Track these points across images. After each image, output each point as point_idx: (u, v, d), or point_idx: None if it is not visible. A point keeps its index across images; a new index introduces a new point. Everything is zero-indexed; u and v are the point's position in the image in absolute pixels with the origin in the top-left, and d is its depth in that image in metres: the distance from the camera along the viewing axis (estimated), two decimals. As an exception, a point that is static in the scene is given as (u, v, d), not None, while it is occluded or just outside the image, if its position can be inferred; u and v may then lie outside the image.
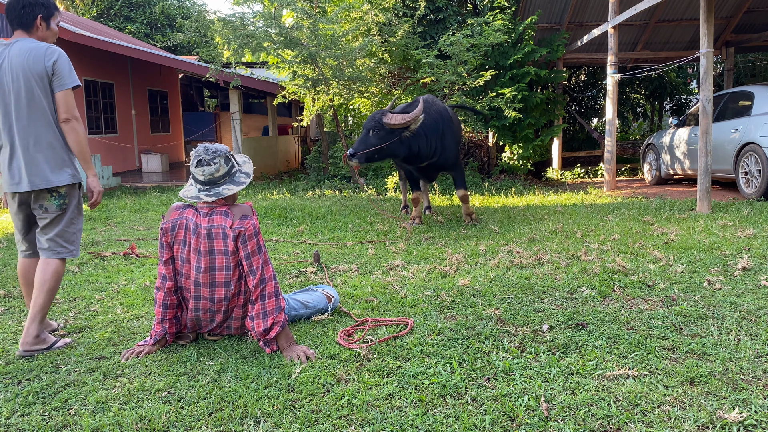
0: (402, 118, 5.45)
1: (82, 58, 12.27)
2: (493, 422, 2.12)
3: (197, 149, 2.85)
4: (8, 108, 2.84)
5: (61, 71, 2.83)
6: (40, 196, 2.90)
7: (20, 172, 2.86)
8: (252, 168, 3.00)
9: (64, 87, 2.84)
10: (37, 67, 2.80)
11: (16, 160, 2.85)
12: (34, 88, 2.81)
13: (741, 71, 15.86)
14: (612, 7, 9.18)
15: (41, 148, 2.84)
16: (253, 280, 2.77)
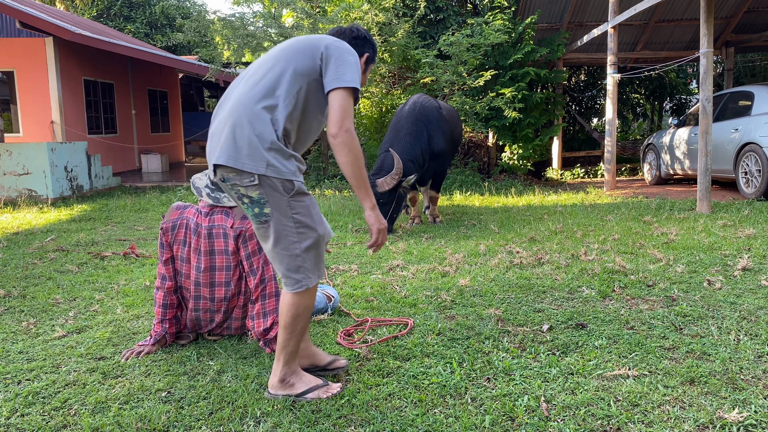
0: (391, 180, 5.44)
1: (82, 58, 12.28)
2: (493, 422, 2.12)
3: None
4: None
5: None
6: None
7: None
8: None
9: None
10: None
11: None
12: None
13: (741, 71, 15.86)
14: (612, 7, 9.18)
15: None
16: (253, 280, 2.77)
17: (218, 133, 2.14)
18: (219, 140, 2.11)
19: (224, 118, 2.16)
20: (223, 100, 2.27)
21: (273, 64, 2.18)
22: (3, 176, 9.24)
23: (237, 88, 2.23)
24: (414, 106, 5.98)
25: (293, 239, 2.10)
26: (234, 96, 2.19)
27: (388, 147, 5.79)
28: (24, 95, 11.64)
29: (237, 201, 2.15)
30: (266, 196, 2.06)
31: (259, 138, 2.05)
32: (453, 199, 8.68)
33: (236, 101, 2.15)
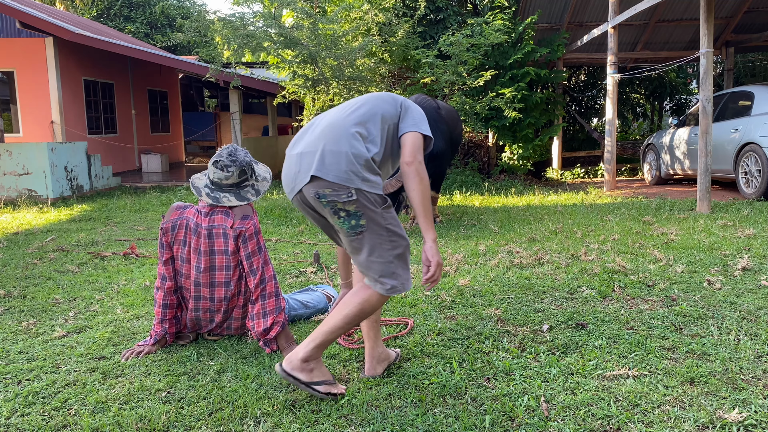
0: (396, 182, 5.44)
1: (82, 58, 12.28)
2: (493, 422, 2.12)
3: (223, 149, 2.83)
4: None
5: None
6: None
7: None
8: (266, 187, 2.95)
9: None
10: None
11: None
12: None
13: (741, 71, 15.86)
14: (612, 7, 9.18)
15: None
16: (253, 280, 2.77)
17: (311, 153, 2.23)
18: (313, 158, 2.21)
19: (315, 139, 2.26)
20: (307, 128, 2.37)
21: (362, 104, 2.36)
22: (3, 176, 9.24)
23: (325, 118, 2.36)
24: None
25: (387, 247, 2.22)
26: (325, 122, 2.31)
27: None
28: (24, 95, 11.64)
29: (332, 216, 2.21)
30: (362, 209, 2.18)
31: (355, 156, 2.18)
32: (453, 199, 8.68)
33: (330, 125, 2.28)
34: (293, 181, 2.27)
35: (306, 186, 2.20)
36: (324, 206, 2.19)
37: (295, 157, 2.28)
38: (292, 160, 2.28)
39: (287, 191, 2.32)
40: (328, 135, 2.24)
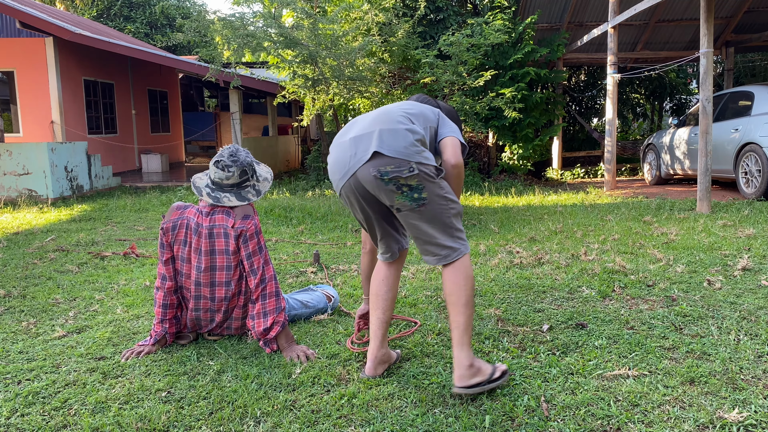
0: None
1: (82, 58, 12.28)
2: (493, 422, 2.12)
3: (225, 149, 2.84)
4: None
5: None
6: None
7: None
8: (267, 188, 2.95)
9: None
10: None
11: None
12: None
13: (741, 71, 15.86)
14: (612, 7, 9.18)
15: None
16: (254, 280, 2.77)
17: (367, 134, 2.30)
18: (370, 138, 2.28)
19: (369, 124, 2.34)
20: (353, 122, 2.45)
21: (408, 104, 2.49)
22: (3, 176, 9.24)
23: (373, 111, 2.45)
24: None
25: (447, 214, 2.34)
26: (376, 112, 2.42)
27: None
28: (24, 95, 11.64)
29: (394, 193, 2.26)
30: (423, 182, 2.26)
31: (411, 131, 2.30)
32: (453, 199, 8.68)
33: (382, 112, 2.39)
34: (347, 164, 2.31)
35: (365, 165, 2.25)
36: (386, 184, 2.24)
37: (348, 141, 2.34)
38: (345, 145, 2.34)
39: (337, 177, 2.36)
40: (383, 118, 2.34)
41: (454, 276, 2.32)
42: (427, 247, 2.36)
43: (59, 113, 11.55)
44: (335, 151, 2.39)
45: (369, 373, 2.47)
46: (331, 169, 2.40)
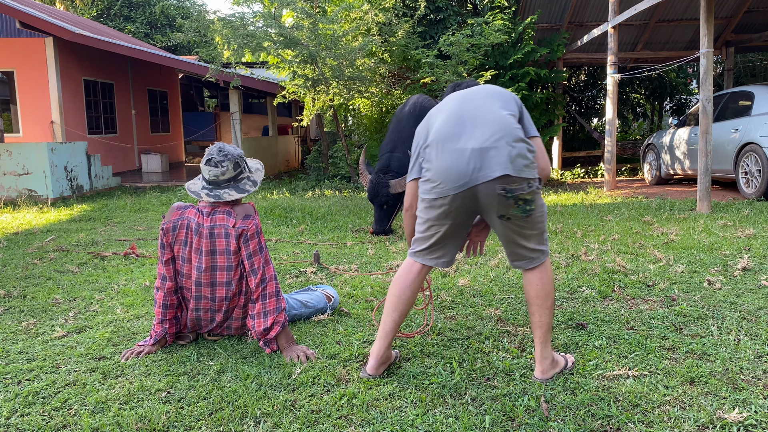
0: (405, 182, 5.51)
1: (82, 58, 12.28)
2: (493, 422, 2.12)
3: (211, 147, 2.84)
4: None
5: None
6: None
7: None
8: (261, 177, 2.97)
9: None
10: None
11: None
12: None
13: (741, 71, 15.86)
14: (612, 7, 9.18)
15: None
16: (254, 280, 2.77)
17: (492, 149, 2.28)
18: (499, 155, 2.27)
19: (489, 135, 2.31)
20: (460, 122, 2.38)
21: (506, 99, 2.46)
22: (3, 176, 9.25)
23: (477, 110, 2.40)
24: (414, 106, 6.00)
25: (542, 220, 2.44)
26: (487, 115, 2.37)
27: (391, 148, 5.80)
28: (24, 95, 11.64)
29: (513, 205, 2.31)
30: (534, 194, 2.36)
31: (529, 150, 2.34)
32: (453, 199, 8.68)
33: (497, 120, 2.35)
34: (468, 176, 2.29)
35: (490, 182, 2.27)
36: (507, 200, 2.29)
37: (470, 152, 2.30)
38: (465, 155, 2.30)
39: (450, 185, 2.32)
40: (504, 130, 2.32)
41: (542, 278, 2.43)
42: (519, 251, 2.43)
43: (59, 113, 11.55)
44: (449, 157, 2.33)
45: (371, 372, 2.48)
46: (442, 174, 2.34)
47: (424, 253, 2.53)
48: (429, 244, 2.50)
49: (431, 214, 2.44)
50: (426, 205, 2.45)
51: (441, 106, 2.57)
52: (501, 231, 2.43)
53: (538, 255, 2.44)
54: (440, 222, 2.43)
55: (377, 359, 2.49)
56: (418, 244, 2.53)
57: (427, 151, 2.43)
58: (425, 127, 2.54)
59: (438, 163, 2.36)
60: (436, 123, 2.47)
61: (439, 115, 2.49)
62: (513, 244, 2.43)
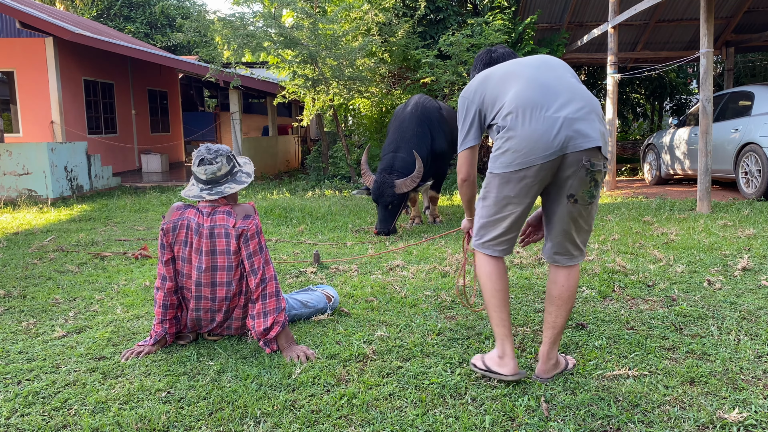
0: (411, 182, 5.54)
1: (82, 58, 12.28)
2: (493, 422, 2.12)
3: (199, 149, 2.86)
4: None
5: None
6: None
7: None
8: (253, 168, 3.01)
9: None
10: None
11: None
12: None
13: (741, 71, 15.86)
14: (612, 7, 9.18)
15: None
16: (254, 280, 2.77)
17: (584, 121, 2.23)
18: (590, 128, 2.22)
19: (580, 107, 2.25)
20: (545, 90, 2.27)
21: (570, 72, 2.42)
22: (3, 176, 9.25)
23: (559, 79, 2.33)
24: (416, 107, 6.00)
25: (594, 215, 2.42)
26: (571, 86, 2.30)
27: (394, 148, 5.80)
28: (24, 95, 11.64)
29: (589, 183, 2.27)
30: (602, 180, 2.33)
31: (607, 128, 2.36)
32: (453, 199, 8.68)
33: (585, 93, 2.30)
34: (560, 144, 2.20)
35: (580, 152, 2.21)
36: (586, 174, 2.25)
37: (561, 119, 2.21)
38: (558, 122, 2.20)
39: (540, 153, 2.21)
40: (593, 104, 2.28)
41: (569, 280, 2.40)
42: (566, 244, 2.39)
43: (59, 113, 11.55)
44: (540, 124, 2.21)
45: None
46: (530, 142, 2.21)
47: (494, 242, 2.40)
48: (503, 228, 2.37)
49: (508, 190, 2.30)
50: (501, 180, 2.31)
51: (505, 71, 2.41)
52: (560, 216, 2.34)
53: (579, 254, 2.41)
54: (518, 200, 2.30)
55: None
56: (488, 230, 2.40)
57: (509, 119, 2.26)
58: (489, 92, 2.38)
59: (525, 131, 2.22)
60: (511, 89, 2.32)
61: (510, 81, 2.35)
62: (565, 234, 2.36)
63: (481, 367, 2.47)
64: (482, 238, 2.43)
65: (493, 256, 2.42)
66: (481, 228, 2.43)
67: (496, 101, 2.35)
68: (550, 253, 2.44)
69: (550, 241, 2.44)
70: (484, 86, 2.42)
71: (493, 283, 2.42)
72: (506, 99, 2.30)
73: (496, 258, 2.43)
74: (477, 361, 2.51)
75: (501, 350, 2.42)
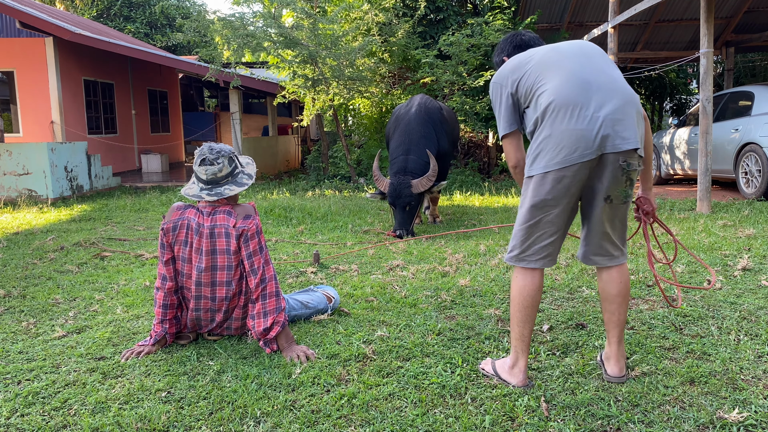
0: (427, 182, 5.56)
1: (82, 58, 12.28)
2: (493, 422, 2.12)
3: (202, 148, 2.85)
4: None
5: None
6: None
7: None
8: (255, 170, 3.00)
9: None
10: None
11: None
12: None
13: (741, 71, 15.86)
14: (612, 7, 9.18)
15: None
16: (254, 280, 2.77)
17: (622, 121, 2.20)
18: (630, 128, 2.20)
19: (620, 105, 2.21)
20: (585, 86, 2.22)
21: (609, 62, 2.36)
22: (3, 176, 9.25)
23: (600, 73, 2.27)
24: (420, 107, 6.02)
25: (628, 215, 2.42)
26: (611, 83, 2.25)
27: (404, 150, 5.82)
28: (24, 95, 11.64)
29: (624, 183, 2.26)
30: (636, 180, 2.31)
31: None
32: (453, 199, 8.68)
33: (625, 89, 2.26)
34: (600, 144, 2.16)
35: (619, 153, 2.19)
36: (622, 174, 2.23)
37: (601, 119, 2.16)
38: (598, 122, 2.16)
39: (581, 151, 2.16)
40: (633, 102, 2.25)
41: (623, 276, 2.39)
42: (605, 245, 2.37)
43: (59, 113, 11.55)
44: (581, 123, 2.17)
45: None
46: (572, 139, 2.16)
47: (531, 252, 2.32)
48: (539, 234, 2.29)
49: (545, 192, 2.24)
50: (537, 183, 2.25)
51: (542, 58, 2.34)
52: (597, 218, 2.31)
53: (619, 253, 2.39)
54: (555, 201, 2.23)
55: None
56: (525, 240, 2.32)
57: (548, 115, 2.21)
58: (526, 78, 2.32)
59: (565, 129, 2.17)
60: (550, 80, 2.25)
61: (549, 70, 2.28)
62: (602, 235, 2.34)
63: (489, 371, 2.47)
64: (515, 251, 2.36)
65: (529, 268, 2.33)
66: (514, 239, 2.35)
67: (533, 88, 2.28)
68: (588, 256, 2.40)
69: (586, 244, 2.39)
70: (519, 71, 2.35)
71: (523, 298, 2.34)
72: (545, 90, 2.25)
73: (532, 271, 2.34)
74: (487, 365, 2.51)
75: (514, 361, 2.41)
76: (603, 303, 2.43)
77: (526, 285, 2.34)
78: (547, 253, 2.33)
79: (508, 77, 2.38)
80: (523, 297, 2.34)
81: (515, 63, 2.41)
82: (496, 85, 2.42)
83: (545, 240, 2.30)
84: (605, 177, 2.23)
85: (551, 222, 2.28)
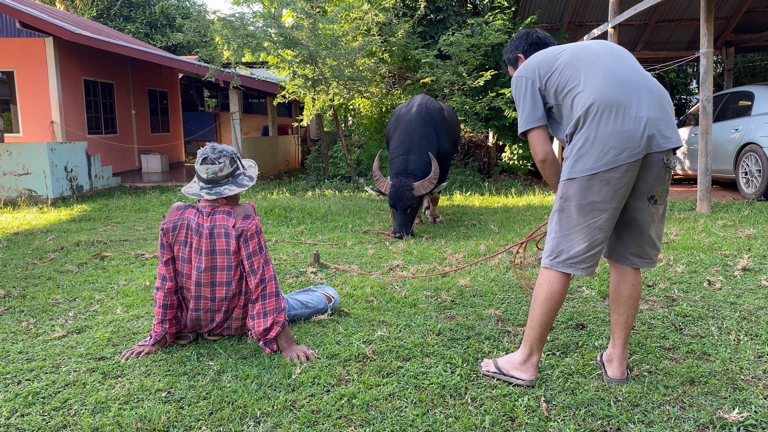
0: (429, 184, 5.55)
1: (82, 58, 12.28)
2: (493, 422, 2.12)
3: (204, 147, 2.86)
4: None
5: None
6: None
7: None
8: (256, 172, 3.00)
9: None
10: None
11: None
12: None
13: (741, 71, 15.85)
14: (612, 7, 9.17)
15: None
16: (254, 280, 2.77)
17: (664, 121, 2.22)
18: (669, 129, 2.23)
19: (657, 106, 2.22)
20: (626, 87, 2.20)
21: (634, 60, 2.35)
22: (3, 176, 9.25)
23: (634, 74, 2.27)
24: (421, 108, 6.02)
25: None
26: (648, 82, 2.25)
27: (405, 151, 5.81)
28: (24, 95, 11.64)
29: (665, 182, 2.28)
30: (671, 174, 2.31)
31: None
32: (453, 199, 8.68)
33: (660, 89, 2.27)
34: (646, 143, 2.16)
35: (662, 152, 2.21)
36: (665, 172, 2.25)
37: (644, 119, 2.15)
38: (642, 122, 2.15)
39: (629, 151, 2.14)
40: (668, 101, 2.27)
41: (637, 280, 2.39)
42: (648, 250, 2.36)
43: (59, 113, 11.55)
44: (627, 123, 2.14)
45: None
46: (616, 141, 2.14)
47: (578, 259, 2.25)
48: (589, 240, 2.22)
49: (593, 194, 2.18)
50: (581, 186, 2.19)
51: (572, 55, 2.31)
52: (642, 220, 2.29)
53: (656, 257, 2.39)
54: (604, 205, 2.18)
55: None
56: (571, 245, 2.24)
57: (590, 117, 2.17)
58: (557, 74, 2.29)
59: (612, 130, 2.14)
60: (587, 79, 2.22)
61: (584, 69, 2.25)
62: (645, 237, 2.32)
63: (492, 371, 2.45)
64: (561, 256, 2.26)
65: (566, 273, 2.27)
66: (559, 244, 2.26)
67: (566, 88, 2.25)
68: (625, 255, 2.36)
69: (624, 244, 2.34)
70: (547, 66, 2.32)
71: (554, 302, 2.30)
72: (581, 90, 2.21)
73: (567, 277, 2.29)
74: (489, 365, 2.48)
75: (527, 356, 2.38)
76: (612, 304, 2.41)
77: (559, 290, 2.29)
78: (594, 261, 2.27)
79: (536, 71, 2.33)
80: (554, 301, 2.30)
81: (542, 58, 2.36)
82: (523, 79, 2.36)
83: (595, 248, 2.24)
84: (650, 177, 2.23)
85: (600, 228, 2.22)
